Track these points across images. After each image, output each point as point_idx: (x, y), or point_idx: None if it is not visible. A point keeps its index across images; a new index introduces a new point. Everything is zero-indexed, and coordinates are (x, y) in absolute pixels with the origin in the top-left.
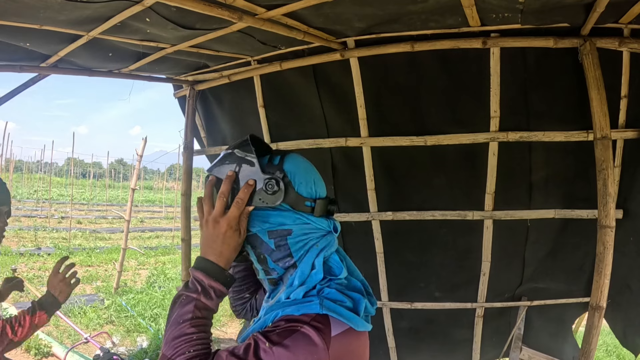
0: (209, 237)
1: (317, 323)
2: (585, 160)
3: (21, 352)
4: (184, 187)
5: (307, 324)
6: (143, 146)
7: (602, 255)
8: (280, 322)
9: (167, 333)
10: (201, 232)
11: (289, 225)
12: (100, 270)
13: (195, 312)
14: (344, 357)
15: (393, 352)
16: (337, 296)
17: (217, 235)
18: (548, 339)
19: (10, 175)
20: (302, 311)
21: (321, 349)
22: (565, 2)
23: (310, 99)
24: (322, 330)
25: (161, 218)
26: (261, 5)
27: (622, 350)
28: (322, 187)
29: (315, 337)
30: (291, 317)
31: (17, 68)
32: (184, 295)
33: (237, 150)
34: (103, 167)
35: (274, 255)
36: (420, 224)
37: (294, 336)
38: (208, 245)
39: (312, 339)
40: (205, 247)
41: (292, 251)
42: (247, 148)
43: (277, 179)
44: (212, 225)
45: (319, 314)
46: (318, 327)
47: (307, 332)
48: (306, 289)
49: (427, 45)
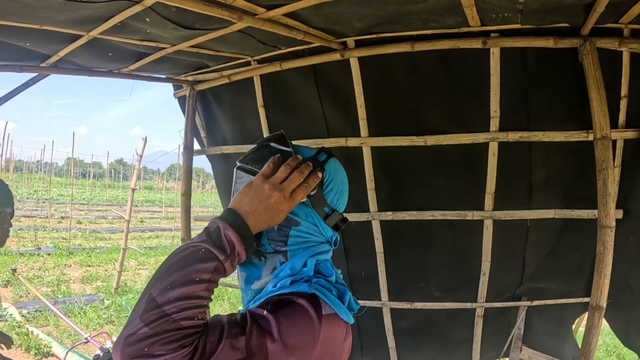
0: (259, 199)
1: (308, 299)
2: (585, 160)
3: (21, 352)
4: (184, 187)
5: (301, 297)
6: (143, 146)
7: (602, 255)
8: (272, 298)
9: (170, 281)
10: (250, 190)
11: (300, 218)
12: (100, 270)
13: (214, 274)
14: (330, 340)
15: (393, 352)
16: (325, 284)
17: (269, 204)
18: (548, 339)
19: (10, 175)
20: (290, 291)
21: (316, 322)
22: (565, 2)
23: (310, 99)
24: (315, 306)
25: (161, 218)
26: (261, 5)
27: (622, 350)
28: (344, 203)
29: (310, 309)
30: (282, 294)
31: (17, 68)
32: (207, 249)
33: (273, 143)
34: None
35: (271, 234)
36: (420, 224)
37: (291, 306)
38: (253, 205)
39: (308, 311)
40: (249, 205)
41: (290, 241)
42: (284, 141)
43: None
44: (268, 190)
45: (308, 294)
46: (311, 303)
47: (302, 304)
48: (294, 279)
49: (427, 45)
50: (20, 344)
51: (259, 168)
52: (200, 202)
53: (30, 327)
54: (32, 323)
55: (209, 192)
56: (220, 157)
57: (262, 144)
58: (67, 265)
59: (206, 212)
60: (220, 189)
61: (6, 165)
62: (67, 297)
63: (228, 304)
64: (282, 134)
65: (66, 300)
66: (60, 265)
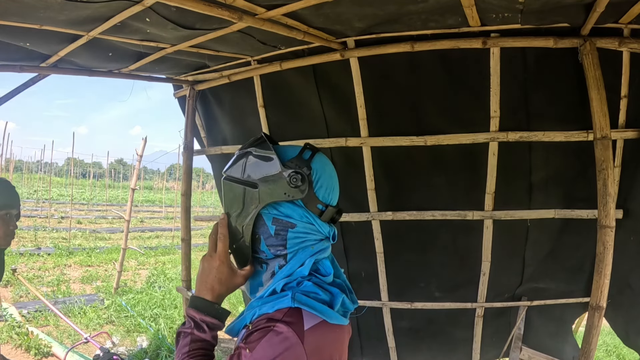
0: (202, 273)
1: (289, 318)
2: (585, 160)
3: (21, 352)
4: (184, 187)
5: (279, 321)
6: (143, 146)
7: (602, 255)
8: (259, 322)
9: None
10: (205, 262)
11: (295, 219)
12: (100, 270)
13: (191, 345)
14: (321, 349)
15: (393, 352)
16: (313, 289)
17: (209, 270)
18: (548, 339)
19: (10, 175)
20: (275, 307)
21: (295, 343)
22: (565, 2)
23: (310, 99)
24: (294, 324)
25: (161, 218)
26: (261, 5)
27: (622, 350)
28: (336, 196)
29: (288, 332)
30: (266, 317)
31: (17, 68)
32: (182, 332)
33: (254, 148)
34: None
35: (270, 240)
36: (420, 224)
37: (268, 336)
38: (201, 282)
39: (285, 335)
40: (199, 284)
41: (288, 244)
42: (265, 145)
43: (303, 175)
44: (206, 260)
45: (291, 308)
46: (290, 322)
47: (279, 329)
48: (287, 281)
49: (427, 45)
50: (20, 344)
51: (242, 176)
52: (200, 202)
53: (30, 327)
54: (32, 323)
55: (209, 192)
56: (220, 157)
57: (243, 152)
58: (67, 265)
59: (206, 212)
60: (220, 189)
61: (6, 165)
62: (67, 297)
63: (228, 304)
64: (262, 138)
65: (66, 300)
66: (60, 265)
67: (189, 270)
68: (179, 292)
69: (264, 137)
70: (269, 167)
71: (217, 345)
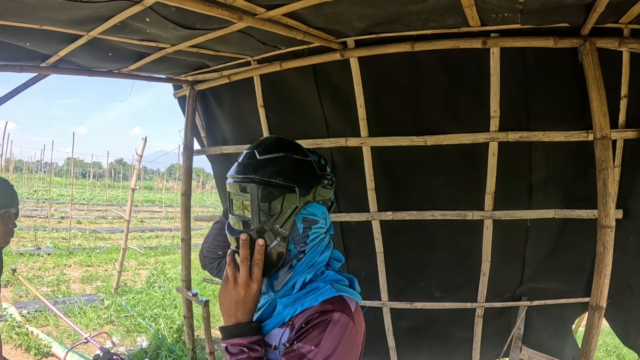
0: (239, 300)
1: (339, 306)
2: (585, 160)
3: (21, 352)
4: (184, 187)
5: (333, 311)
6: (143, 146)
7: (602, 255)
8: (310, 318)
9: None
10: (227, 294)
11: (318, 217)
12: (100, 270)
13: None
14: (361, 325)
15: (393, 352)
16: (336, 277)
17: (249, 297)
18: (548, 339)
19: (10, 175)
20: (320, 299)
21: (351, 327)
22: (565, 2)
23: (310, 99)
24: (345, 310)
25: (161, 218)
26: (261, 5)
27: (622, 350)
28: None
29: (344, 318)
30: (315, 310)
31: (17, 68)
32: None
33: (291, 152)
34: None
35: (297, 238)
36: (420, 224)
37: (329, 328)
38: (238, 308)
39: (342, 322)
40: (236, 310)
41: (310, 239)
42: (301, 150)
43: (332, 178)
44: (243, 289)
45: (335, 297)
46: (341, 309)
47: (335, 318)
48: (313, 271)
49: (427, 45)
50: (20, 344)
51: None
52: (200, 202)
53: (30, 327)
54: (32, 323)
55: (209, 192)
56: (220, 157)
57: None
58: (67, 265)
59: (206, 212)
60: (220, 189)
61: (6, 165)
62: (67, 297)
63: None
64: (294, 142)
65: (66, 300)
66: (60, 265)
67: (188, 270)
68: (179, 292)
69: (292, 142)
70: (307, 171)
71: None
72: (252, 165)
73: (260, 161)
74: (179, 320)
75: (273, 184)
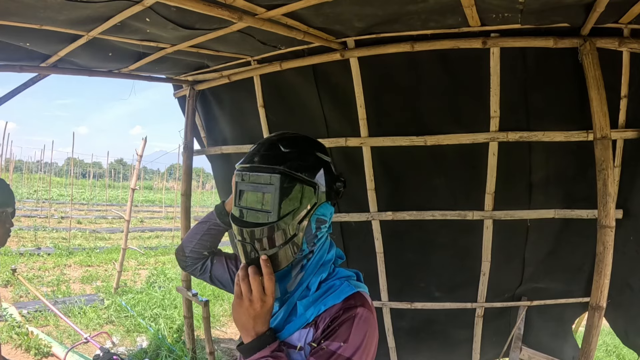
0: (257, 316)
1: (359, 301)
2: (585, 160)
3: (21, 352)
4: (183, 187)
5: (355, 307)
6: (143, 146)
7: (602, 255)
8: (335, 316)
9: None
10: (243, 311)
11: (327, 216)
12: (100, 270)
13: None
14: (376, 316)
15: (393, 352)
16: (347, 273)
17: (265, 311)
18: (548, 339)
19: (10, 175)
20: (341, 297)
21: (372, 319)
22: (565, 2)
23: (310, 99)
24: (366, 304)
25: (161, 218)
26: (261, 5)
27: (622, 350)
28: None
29: (366, 312)
30: (339, 308)
31: (17, 68)
32: None
33: (317, 152)
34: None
35: (309, 237)
36: (420, 224)
37: (355, 323)
38: (257, 323)
39: (365, 316)
40: (254, 324)
41: (318, 238)
42: (325, 149)
43: (344, 181)
44: (259, 304)
45: (355, 293)
46: (362, 304)
47: (360, 313)
48: (326, 269)
49: (427, 45)
50: (20, 344)
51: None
52: (200, 202)
53: (30, 327)
54: (32, 323)
55: (209, 192)
56: (220, 157)
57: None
58: (67, 265)
59: (206, 212)
60: (220, 189)
61: (6, 165)
62: (67, 297)
63: (228, 304)
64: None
65: (66, 300)
66: (60, 265)
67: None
68: (178, 292)
69: (315, 140)
70: (327, 170)
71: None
72: (277, 156)
73: (286, 154)
74: (179, 320)
75: (299, 178)
